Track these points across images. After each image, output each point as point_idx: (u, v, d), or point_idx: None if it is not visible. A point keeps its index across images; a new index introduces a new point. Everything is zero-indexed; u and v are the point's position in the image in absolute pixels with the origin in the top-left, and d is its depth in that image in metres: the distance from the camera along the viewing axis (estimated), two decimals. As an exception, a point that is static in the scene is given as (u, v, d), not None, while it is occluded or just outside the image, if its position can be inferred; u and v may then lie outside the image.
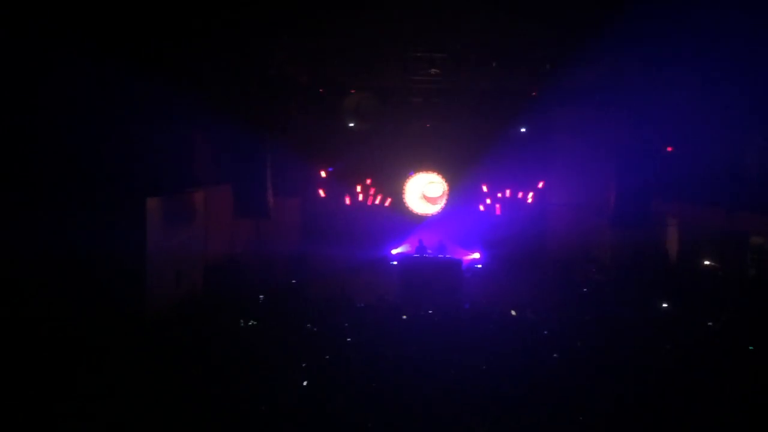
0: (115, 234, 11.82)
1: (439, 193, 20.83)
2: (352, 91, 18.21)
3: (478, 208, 20.57)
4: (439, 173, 20.76)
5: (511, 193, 20.38)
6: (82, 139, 12.23)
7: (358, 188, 20.69)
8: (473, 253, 19.91)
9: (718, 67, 12.57)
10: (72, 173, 12.20)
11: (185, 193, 14.63)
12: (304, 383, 9.04)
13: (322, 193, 20.65)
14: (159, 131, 14.46)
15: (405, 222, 20.71)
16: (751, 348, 10.33)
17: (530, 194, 20.28)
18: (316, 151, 20.18)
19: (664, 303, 13.80)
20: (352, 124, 19.06)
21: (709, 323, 12.09)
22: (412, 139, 20.13)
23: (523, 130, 19.55)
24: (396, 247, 20.35)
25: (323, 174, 20.73)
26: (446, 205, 20.80)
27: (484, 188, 20.49)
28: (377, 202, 20.80)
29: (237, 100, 16.77)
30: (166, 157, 14.85)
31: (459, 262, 17.43)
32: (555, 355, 10.49)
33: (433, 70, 15.01)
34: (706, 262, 16.46)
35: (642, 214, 15.65)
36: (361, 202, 20.74)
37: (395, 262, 19.50)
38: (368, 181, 20.72)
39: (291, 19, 13.35)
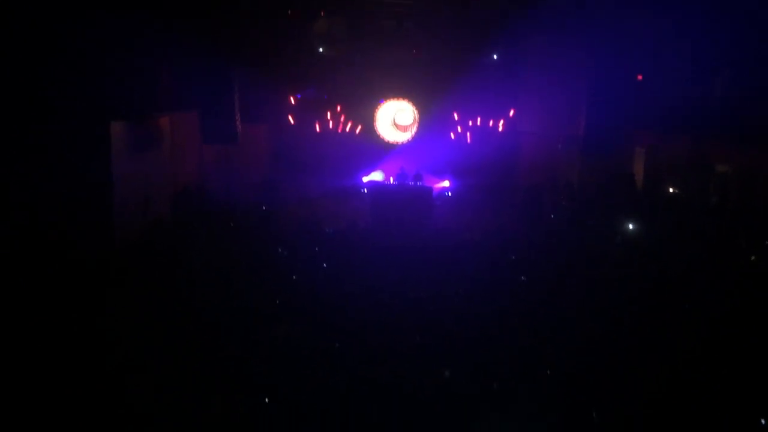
0: (79, 159, 11.58)
1: (410, 121, 20.69)
2: (322, 14, 17.80)
3: (449, 135, 20.55)
4: (409, 101, 20.54)
5: (482, 121, 20.37)
6: (44, 65, 11.81)
7: (328, 115, 20.46)
8: (443, 180, 19.97)
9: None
10: (35, 98, 11.82)
11: (151, 119, 14.31)
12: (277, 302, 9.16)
13: (291, 119, 20.39)
14: (123, 56, 14.02)
15: (375, 149, 20.62)
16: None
17: (501, 122, 20.28)
18: (285, 77, 19.78)
19: (630, 228, 14.07)
20: (321, 50, 18.70)
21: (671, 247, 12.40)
22: (383, 66, 19.80)
23: (494, 57, 19.41)
24: (366, 175, 20.32)
25: (292, 100, 20.42)
26: (417, 132, 20.70)
27: (455, 116, 20.42)
28: (347, 129, 20.62)
29: (203, 24, 16.30)
30: (131, 82, 14.44)
31: (429, 190, 17.48)
32: (523, 277, 10.72)
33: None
34: (671, 190, 16.75)
35: (611, 142, 15.78)
36: (331, 129, 20.54)
37: (365, 190, 19.50)
38: (338, 108, 20.46)
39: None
